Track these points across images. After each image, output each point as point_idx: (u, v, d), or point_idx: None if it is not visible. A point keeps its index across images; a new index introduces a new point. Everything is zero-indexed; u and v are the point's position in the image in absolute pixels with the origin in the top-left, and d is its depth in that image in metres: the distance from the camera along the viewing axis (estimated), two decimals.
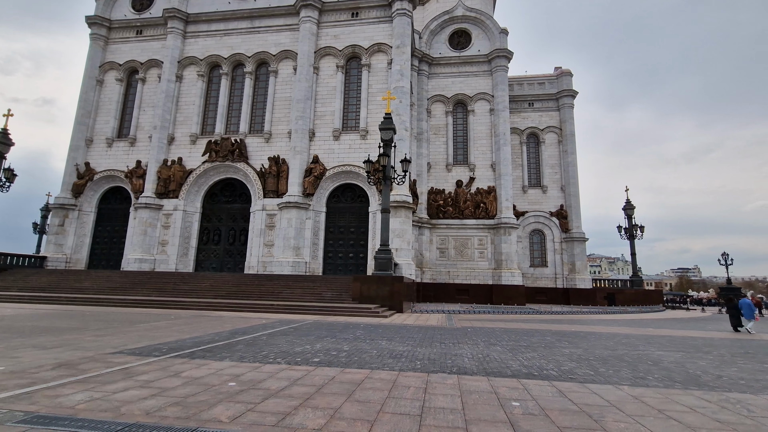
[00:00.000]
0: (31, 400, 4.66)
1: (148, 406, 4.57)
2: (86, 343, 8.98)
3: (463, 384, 6.03)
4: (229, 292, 23.46)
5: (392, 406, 4.82)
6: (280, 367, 6.95)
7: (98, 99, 36.25)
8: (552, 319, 20.99)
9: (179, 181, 32.94)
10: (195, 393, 5.18)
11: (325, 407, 4.70)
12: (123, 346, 8.74)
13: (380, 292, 21.56)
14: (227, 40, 35.69)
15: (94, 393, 5.03)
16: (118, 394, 5.00)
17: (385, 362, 7.63)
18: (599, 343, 11.32)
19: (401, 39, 32.53)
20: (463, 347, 9.85)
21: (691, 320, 23.98)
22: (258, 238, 31.39)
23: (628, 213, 42.73)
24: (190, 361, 7.28)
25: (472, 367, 7.35)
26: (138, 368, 6.54)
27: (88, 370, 6.33)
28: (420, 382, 6.10)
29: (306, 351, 8.71)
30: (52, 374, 5.98)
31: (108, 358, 7.32)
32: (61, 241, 33.15)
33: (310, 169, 31.64)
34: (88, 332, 10.69)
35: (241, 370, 6.64)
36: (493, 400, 5.17)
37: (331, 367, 6.98)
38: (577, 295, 39.21)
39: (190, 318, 15.47)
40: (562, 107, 44.29)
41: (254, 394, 5.17)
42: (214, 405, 4.69)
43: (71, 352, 7.83)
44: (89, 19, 36.80)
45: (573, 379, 6.57)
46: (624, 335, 13.57)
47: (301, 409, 4.61)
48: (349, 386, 5.71)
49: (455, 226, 38.07)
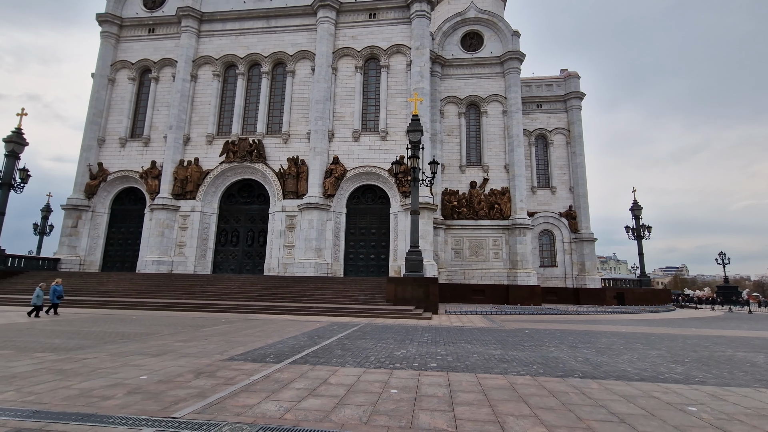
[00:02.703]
0: (230, 411, 4.65)
1: (349, 415, 4.60)
2: (183, 348, 8.89)
3: (617, 389, 6.16)
4: (260, 295, 23.30)
5: (596, 414, 4.94)
6: (413, 372, 7.00)
7: (110, 98, 35.64)
8: (585, 319, 21.33)
9: (196, 181, 32.58)
10: (374, 401, 5.20)
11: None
12: (223, 352, 8.68)
13: (415, 294, 21.65)
14: (243, 40, 35.39)
15: (281, 403, 5.02)
16: (304, 403, 5.01)
17: (511, 367, 7.73)
18: (672, 344, 11.59)
19: (420, 40, 32.67)
20: (551, 349, 10.00)
21: (715, 319, 24.60)
22: (278, 240, 31.21)
23: (635, 213, 43.48)
24: (315, 367, 7.29)
25: (590, 371, 7.49)
26: (277, 375, 6.53)
27: (233, 378, 6.30)
28: (569, 388, 6.22)
29: (409, 355, 8.76)
30: (204, 383, 5.94)
31: (231, 365, 7.28)
32: (75, 243, 32.52)
33: (331, 170, 31.57)
34: (166, 337, 10.56)
35: (378, 376, 6.67)
36: (664, 406, 5.31)
37: (464, 373, 7.06)
38: (586, 295, 39.79)
39: (243, 322, 15.36)
40: (570, 109, 44.93)
41: (432, 402, 5.22)
42: (412, 412, 4.74)
43: (185, 359, 7.77)
44: (100, 17, 36.13)
45: (703, 382, 6.75)
46: (682, 336, 13.89)
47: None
48: (515, 392, 5.80)
49: (470, 226, 38.33)
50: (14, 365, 6.87)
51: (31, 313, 15.37)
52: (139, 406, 4.75)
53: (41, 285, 15.66)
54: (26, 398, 4.97)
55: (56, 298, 16.19)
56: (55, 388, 5.43)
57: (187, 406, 4.80)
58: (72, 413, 4.42)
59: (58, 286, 16.52)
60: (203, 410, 4.67)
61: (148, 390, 5.48)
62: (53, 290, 16.11)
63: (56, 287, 16.35)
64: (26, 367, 6.71)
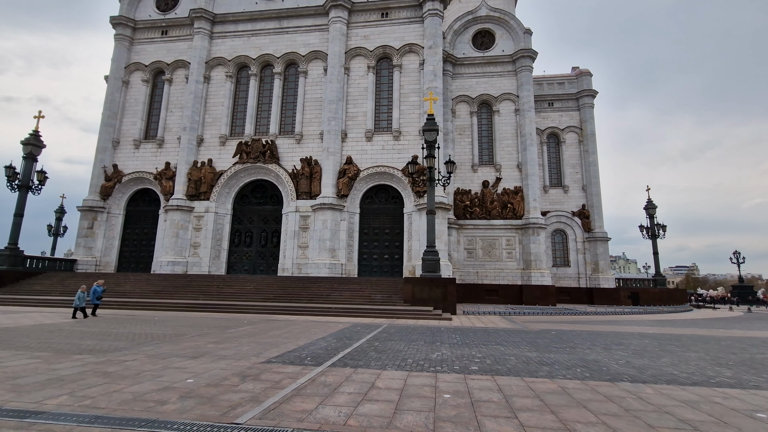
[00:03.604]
0: (291, 417, 4.56)
1: (413, 422, 4.48)
2: (218, 350, 8.84)
3: (674, 394, 6.00)
4: (276, 295, 23.28)
5: (665, 421, 4.80)
6: (458, 376, 6.88)
7: (124, 100, 35.86)
8: (606, 320, 21.07)
9: (210, 182, 32.67)
10: (431, 407, 5.09)
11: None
12: (258, 354, 8.62)
13: (433, 294, 21.52)
14: (255, 41, 35.44)
15: (339, 408, 4.93)
16: (361, 408, 4.91)
17: (554, 371, 7.58)
18: (707, 347, 11.37)
19: (433, 39, 32.51)
20: (586, 352, 9.82)
21: (738, 319, 24.20)
22: (291, 240, 31.21)
23: (650, 212, 43.01)
24: (357, 370, 7.19)
25: (637, 375, 7.33)
26: (323, 379, 6.44)
27: (279, 381, 6.22)
28: (624, 392, 6.07)
29: (446, 358, 8.64)
30: (253, 387, 5.86)
31: (272, 368, 7.21)
32: (91, 244, 32.75)
33: (344, 170, 31.51)
34: (196, 339, 10.53)
35: (424, 380, 6.56)
36: (731, 413, 5.15)
37: (509, 377, 6.93)
38: (600, 295, 39.40)
39: (265, 323, 15.32)
40: (582, 107, 44.52)
41: (491, 408, 5.10)
42: (475, 419, 4.62)
43: (224, 361, 7.71)
44: (114, 20, 36.37)
45: (758, 387, 6.56)
46: (714, 338, 13.64)
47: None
48: (570, 397, 5.66)
49: (482, 226, 38.08)
50: (57, 368, 6.84)
51: (74, 314, 15.45)
52: (197, 411, 4.68)
53: (82, 287, 15.73)
54: (82, 402, 4.91)
55: (96, 299, 16.26)
56: (107, 392, 5.38)
57: (245, 411, 4.72)
58: (134, 419, 4.35)
59: (99, 287, 16.62)
60: (263, 416, 4.59)
61: (200, 394, 5.41)
62: (93, 291, 16.19)
63: (96, 288, 16.46)
64: (70, 370, 6.68)
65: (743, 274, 55.67)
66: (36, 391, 5.36)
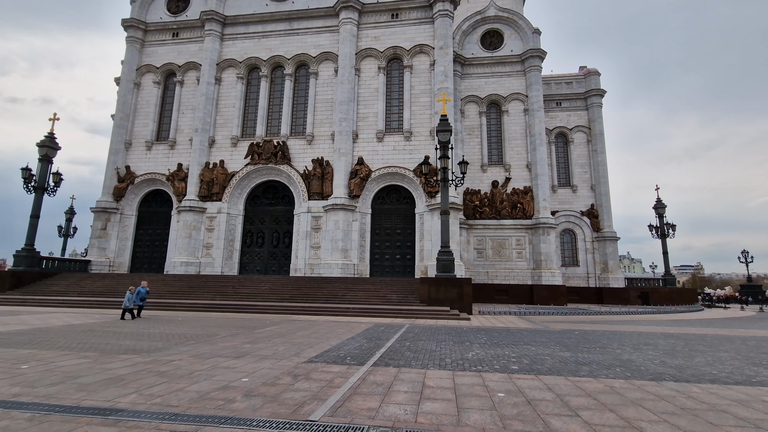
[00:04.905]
0: (361, 415, 4.67)
1: (482, 420, 4.60)
2: (255, 350, 8.97)
3: (722, 393, 6.09)
4: (292, 295, 23.44)
5: (726, 419, 4.89)
6: (503, 375, 6.99)
7: (136, 102, 36.09)
8: (623, 320, 21.13)
9: (222, 183, 32.86)
10: (491, 405, 5.20)
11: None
12: (297, 354, 8.75)
13: (449, 294, 21.62)
14: (265, 42, 35.61)
15: (402, 406, 5.04)
16: (423, 407, 5.02)
17: (595, 370, 7.68)
18: (734, 346, 11.44)
19: (444, 40, 32.60)
20: (618, 351, 9.91)
21: (753, 319, 24.22)
22: (303, 241, 31.36)
23: (659, 212, 42.94)
24: (401, 369, 7.30)
25: (677, 374, 7.41)
26: (372, 378, 6.56)
27: (331, 380, 6.35)
28: (673, 392, 6.16)
29: (482, 357, 8.74)
30: (308, 386, 5.98)
31: (317, 368, 7.33)
32: (104, 245, 33.00)
33: (356, 170, 31.64)
34: (228, 339, 10.67)
35: (471, 379, 6.67)
36: None
37: (553, 376, 7.03)
38: (610, 294, 39.38)
39: (288, 323, 15.46)
40: (591, 107, 44.50)
41: (549, 406, 5.21)
42: (538, 417, 4.73)
43: (267, 361, 7.84)
44: (125, 22, 36.60)
45: None
46: (739, 338, 13.70)
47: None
48: (622, 396, 5.76)
49: (492, 226, 38.14)
50: (110, 367, 6.99)
51: (123, 315, 15.63)
52: (268, 409, 4.80)
53: (131, 288, 15.93)
54: (153, 401, 5.05)
55: (140, 300, 16.42)
56: (171, 391, 5.52)
57: (314, 409, 4.84)
58: (213, 416, 4.48)
59: (143, 288, 16.76)
60: (333, 413, 4.71)
61: (261, 393, 5.54)
62: (137, 292, 16.34)
63: (141, 289, 16.60)
64: (124, 370, 6.82)
65: (750, 272, 55.52)
66: (102, 390, 5.50)
